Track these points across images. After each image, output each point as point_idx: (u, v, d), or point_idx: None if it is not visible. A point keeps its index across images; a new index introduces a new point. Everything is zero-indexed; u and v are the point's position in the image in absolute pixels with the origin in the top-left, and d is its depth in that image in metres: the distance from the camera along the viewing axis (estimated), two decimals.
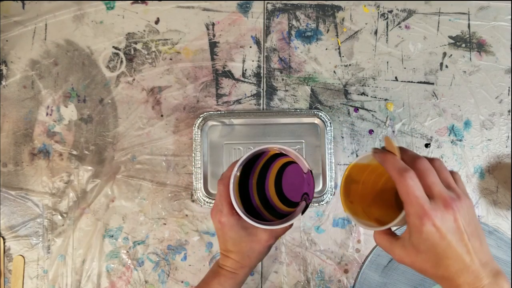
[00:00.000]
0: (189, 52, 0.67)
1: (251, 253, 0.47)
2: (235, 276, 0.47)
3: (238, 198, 0.46)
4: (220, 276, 0.47)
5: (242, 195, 0.47)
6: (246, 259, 0.47)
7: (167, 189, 0.65)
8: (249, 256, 0.47)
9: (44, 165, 0.65)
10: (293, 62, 0.67)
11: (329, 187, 0.63)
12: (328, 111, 0.66)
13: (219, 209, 0.45)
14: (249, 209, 0.47)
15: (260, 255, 0.48)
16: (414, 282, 0.62)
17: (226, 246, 0.47)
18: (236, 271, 0.47)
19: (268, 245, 0.47)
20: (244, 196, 0.48)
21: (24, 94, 0.66)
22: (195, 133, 0.64)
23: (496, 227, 0.63)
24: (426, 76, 0.66)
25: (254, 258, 0.47)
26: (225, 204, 0.45)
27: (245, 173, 0.48)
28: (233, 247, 0.46)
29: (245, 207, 0.47)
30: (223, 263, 0.48)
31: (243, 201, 0.47)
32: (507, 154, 0.65)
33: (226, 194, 0.45)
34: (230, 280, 0.47)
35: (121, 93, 0.66)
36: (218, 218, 0.45)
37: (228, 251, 0.47)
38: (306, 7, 0.67)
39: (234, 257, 0.47)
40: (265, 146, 0.45)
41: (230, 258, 0.47)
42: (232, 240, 0.46)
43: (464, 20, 0.67)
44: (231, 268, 0.47)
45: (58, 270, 0.64)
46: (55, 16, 0.67)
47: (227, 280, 0.47)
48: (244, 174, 0.48)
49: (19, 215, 0.65)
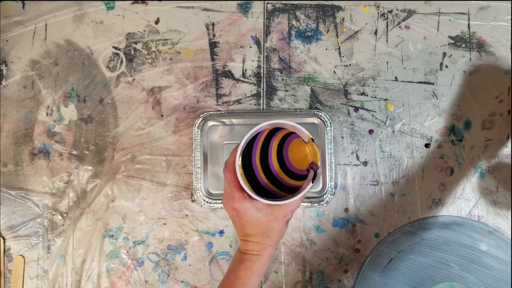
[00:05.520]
0: (189, 52, 0.67)
1: (270, 232, 0.47)
2: (260, 258, 0.47)
3: (246, 181, 0.46)
4: (245, 261, 0.47)
5: (249, 177, 0.47)
6: (267, 239, 0.47)
7: (167, 189, 0.65)
8: (269, 235, 0.47)
9: (44, 165, 0.65)
10: (293, 62, 0.67)
11: (329, 187, 0.63)
12: (328, 111, 0.66)
13: (230, 197, 0.45)
14: (258, 189, 0.47)
15: (280, 232, 0.48)
16: (414, 282, 0.62)
17: (245, 231, 0.47)
18: (260, 253, 0.47)
19: (286, 221, 0.47)
20: (251, 178, 0.48)
21: (24, 94, 0.66)
22: (195, 133, 0.64)
23: (496, 227, 0.63)
24: (426, 76, 0.66)
25: (274, 236, 0.47)
26: (235, 190, 0.45)
27: (248, 154, 0.48)
28: (252, 230, 0.46)
29: (254, 188, 0.47)
30: (245, 249, 0.48)
31: (251, 182, 0.47)
32: (507, 154, 0.65)
33: (235, 180, 0.45)
34: (256, 262, 0.47)
35: (121, 93, 0.66)
36: (231, 205, 0.45)
37: (247, 236, 0.47)
38: (306, 7, 0.67)
39: (255, 239, 0.47)
40: (261, 125, 0.45)
41: (251, 241, 0.47)
42: (249, 224, 0.46)
43: (464, 20, 0.67)
44: (255, 251, 0.47)
45: (58, 270, 0.64)
46: (55, 16, 0.67)
47: (254, 263, 0.47)
48: (247, 155, 0.48)
49: (19, 215, 0.65)
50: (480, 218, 0.64)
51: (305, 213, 0.64)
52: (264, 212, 0.46)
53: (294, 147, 0.49)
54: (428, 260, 0.62)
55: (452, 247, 0.62)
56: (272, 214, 0.46)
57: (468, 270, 0.62)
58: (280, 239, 0.49)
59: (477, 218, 0.64)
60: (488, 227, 0.63)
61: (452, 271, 0.62)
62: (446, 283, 0.62)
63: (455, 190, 0.64)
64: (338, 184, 0.65)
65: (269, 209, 0.46)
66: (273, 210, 0.46)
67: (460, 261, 0.62)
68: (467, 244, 0.62)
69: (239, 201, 0.45)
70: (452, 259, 0.62)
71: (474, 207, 0.64)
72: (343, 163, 0.65)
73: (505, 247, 0.62)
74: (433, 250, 0.62)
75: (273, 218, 0.46)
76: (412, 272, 0.62)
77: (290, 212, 0.47)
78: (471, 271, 0.62)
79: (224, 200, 0.47)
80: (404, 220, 0.64)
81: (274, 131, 0.49)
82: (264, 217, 0.46)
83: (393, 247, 0.63)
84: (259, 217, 0.46)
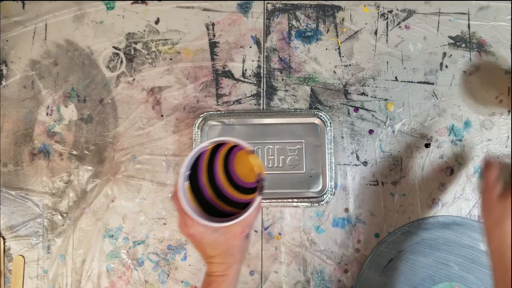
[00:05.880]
0: (189, 52, 0.67)
1: (232, 250, 0.47)
2: (227, 278, 0.47)
3: (196, 204, 0.46)
4: (212, 283, 0.47)
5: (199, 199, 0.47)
6: (230, 258, 0.47)
7: (167, 189, 0.65)
8: (232, 253, 0.47)
9: (44, 165, 0.65)
10: (293, 62, 0.67)
11: (329, 187, 0.63)
12: (328, 111, 0.66)
13: (183, 224, 0.45)
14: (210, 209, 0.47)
15: (241, 248, 0.48)
16: (414, 282, 0.62)
17: (207, 254, 0.47)
18: (225, 272, 0.47)
19: (245, 236, 0.47)
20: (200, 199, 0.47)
21: (24, 94, 0.66)
22: (195, 133, 0.64)
23: None
24: (426, 76, 0.66)
25: (237, 253, 0.47)
26: (186, 217, 0.45)
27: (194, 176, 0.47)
28: (213, 252, 0.46)
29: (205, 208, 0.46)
30: (210, 271, 0.48)
31: (201, 203, 0.47)
32: (507, 154, 0.65)
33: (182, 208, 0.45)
34: (223, 284, 0.47)
35: (121, 93, 0.66)
36: (186, 232, 0.45)
37: (210, 258, 0.47)
38: (306, 7, 0.67)
39: (218, 260, 0.47)
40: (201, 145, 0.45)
41: (215, 263, 0.47)
42: (209, 246, 0.46)
43: (464, 20, 0.67)
44: (220, 272, 0.47)
45: (58, 270, 0.64)
46: (55, 16, 0.67)
47: (220, 284, 0.47)
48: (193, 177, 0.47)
49: (19, 215, 0.65)
50: (480, 218, 0.64)
51: (305, 213, 0.64)
52: (220, 232, 0.46)
53: (239, 161, 0.49)
54: (428, 260, 0.62)
55: (452, 247, 0.62)
56: (230, 232, 0.46)
57: (468, 270, 0.62)
58: (244, 254, 0.49)
59: (477, 218, 0.64)
60: None
61: (452, 271, 0.62)
62: (446, 283, 0.62)
63: (455, 190, 0.64)
64: (338, 184, 0.65)
65: (225, 228, 0.46)
66: (230, 228, 0.46)
67: (460, 261, 0.62)
68: (467, 244, 0.62)
69: (192, 226, 0.44)
70: (452, 259, 0.62)
71: (474, 207, 0.64)
72: (343, 163, 0.65)
73: None
74: (433, 250, 0.62)
75: (231, 236, 0.46)
76: (412, 272, 0.62)
77: (247, 226, 0.47)
78: (471, 271, 0.62)
79: (179, 227, 0.47)
80: (404, 220, 0.64)
81: (218, 147, 0.48)
82: (221, 237, 0.46)
83: (393, 247, 0.63)
84: (217, 237, 0.45)
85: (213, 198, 0.48)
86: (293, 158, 0.64)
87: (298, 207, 0.63)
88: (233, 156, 0.49)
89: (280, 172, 0.64)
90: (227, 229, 0.46)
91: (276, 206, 0.64)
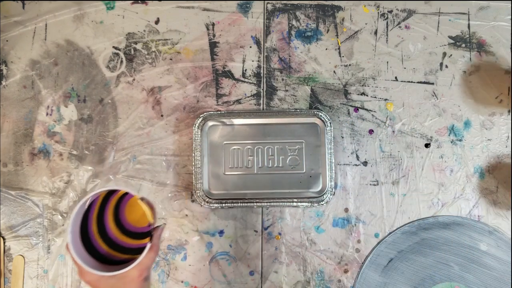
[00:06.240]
0: (189, 52, 0.67)
1: None
2: None
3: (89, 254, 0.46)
4: None
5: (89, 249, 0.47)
6: None
7: (167, 189, 0.65)
8: None
9: (44, 165, 0.65)
10: (293, 62, 0.67)
11: (329, 187, 0.63)
12: (328, 111, 0.66)
13: (80, 271, 0.46)
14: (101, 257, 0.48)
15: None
16: (414, 282, 0.62)
17: None
18: None
19: (143, 279, 0.47)
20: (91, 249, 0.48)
21: (24, 94, 0.66)
22: (195, 133, 0.64)
23: (496, 227, 0.63)
24: (426, 76, 0.66)
25: None
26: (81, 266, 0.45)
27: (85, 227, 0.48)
28: None
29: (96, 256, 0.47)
30: None
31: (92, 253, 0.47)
32: (507, 154, 0.65)
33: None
34: None
35: (121, 93, 0.66)
36: (84, 279, 0.46)
37: None
38: (306, 7, 0.67)
39: None
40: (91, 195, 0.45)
41: None
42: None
43: (464, 20, 0.67)
44: None
45: (58, 270, 0.64)
46: (55, 16, 0.67)
47: None
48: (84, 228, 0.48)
49: (19, 215, 0.65)
50: (480, 218, 0.64)
51: (305, 213, 0.64)
52: (117, 277, 0.46)
53: (130, 208, 0.49)
54: (428, 260, 0.62)
55: (452, 247, 0.62)
56: (127, 277, 0.46)
57: (468, 270, 0.62)
58: None
59: (477, 218, 0.64)
60: (488, 227, 0.63)
61: (452, 271, 0.62)
62: (446, 283, 0.62)
63: (455, 190, 0.64)
64: (338, 184, 0.65)
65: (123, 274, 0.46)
66: (127, 273, 0.46)
67: (460, 261, 0.62)
68: (467, 244, 0.62)
69: (89, 274, 0.45)
70: (452, 259, 0.62)
71: (474, 207, 0.64)
72: (343, 163, 0.65)
73: (505, 247, 0.62)
74: (433, 250, 0.62)
75: (129, 281, 0.46)
76: (412, 272, 0.62)
77: (145, 269, 0.47)
78: (471, 271, 0.62)
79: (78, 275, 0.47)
80: (404, 220, 0.64)
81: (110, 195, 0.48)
82: (120, 281, 0.46)
83: (393, 247, 0.63)
84: (114, 283, 0.45)
85: (106, 249, 0.48)
86: (293, 158, 0.64)
87: (298, 207, 0.63)
88: (126, 201, 0.49)
89: (280, 172, 0.64)
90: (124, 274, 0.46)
91: (276, 206, 0.64)
